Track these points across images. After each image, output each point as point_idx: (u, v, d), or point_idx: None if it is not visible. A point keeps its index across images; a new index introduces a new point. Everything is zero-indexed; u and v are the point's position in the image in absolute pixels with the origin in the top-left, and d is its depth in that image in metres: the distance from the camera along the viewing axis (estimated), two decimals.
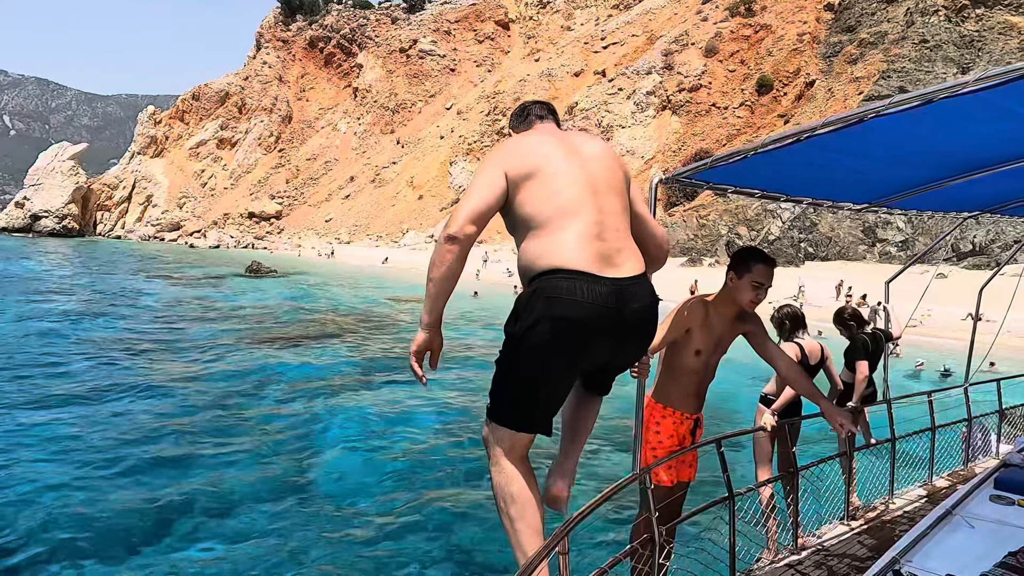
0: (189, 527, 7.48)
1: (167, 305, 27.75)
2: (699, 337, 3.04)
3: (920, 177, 3.07)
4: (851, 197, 3.59)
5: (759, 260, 2.97)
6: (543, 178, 2.15)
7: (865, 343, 4.73)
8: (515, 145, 2.27)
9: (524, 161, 2.18)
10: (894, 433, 5.23)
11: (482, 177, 2.15)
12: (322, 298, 32.64)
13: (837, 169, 2.78)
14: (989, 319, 23.07)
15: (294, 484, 8.74)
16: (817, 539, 4.29)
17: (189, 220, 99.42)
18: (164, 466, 9.25)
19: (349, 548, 7.06)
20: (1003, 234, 35.14)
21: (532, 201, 2.13)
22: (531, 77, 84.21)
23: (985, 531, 3.18)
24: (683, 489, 3.33)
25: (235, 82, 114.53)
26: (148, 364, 15.86)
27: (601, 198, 2.18)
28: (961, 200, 3.92)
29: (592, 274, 2.04)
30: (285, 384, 14.33)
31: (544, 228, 2.10)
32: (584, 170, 2.20)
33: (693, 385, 3.15)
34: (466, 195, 2.11)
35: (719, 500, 3.39)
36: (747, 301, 2.96)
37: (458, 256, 2.04)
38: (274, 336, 20.55)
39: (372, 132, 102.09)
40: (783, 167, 2.69)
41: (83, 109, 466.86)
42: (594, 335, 2.04)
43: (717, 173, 2.67)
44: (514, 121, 2.58)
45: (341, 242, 79.81)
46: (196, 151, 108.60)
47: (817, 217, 42.15)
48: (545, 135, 2.33)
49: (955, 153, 2.66)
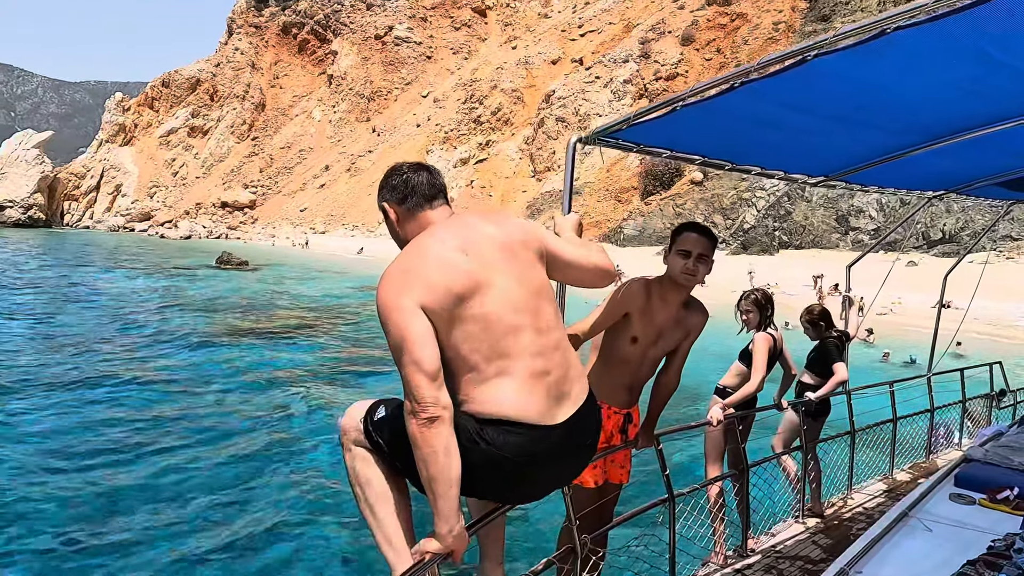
0: (140, 523, 7.18)
1: (131, 297, 27.01)
2: (637, 323, 2.70)
3: (879, 144, 2.77)
4: (805, 168, 3.25)
5: (687, 229, 2.69)
6: (465, 308, 1.74)
7: (838, 347, 4.49)
8: (417, 264, 1.77)
9: (437, 289, 1.72)
10: (853, 425, 5.02)
11: (405, 328, 1.68)
12: (293, 289, 32.06)
13: (785, 129, 2.45)
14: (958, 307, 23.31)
15: (258, 479, 8.41)
16: (769, 538, 4.06)
17: (160, 210, 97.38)
18: (117, 460, 8.93)
19: (315, 542, 6.80)
20: (972, 222, 35.54)
21: (455, 343, 1.75)
22: (508, 65, 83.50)
23: (943, 534, 2.95)
24: (614, 491, 2.99)
25: (206, 68, 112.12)
26: (107, 358, 15.32)
27: (537, 315, 1.85)
28: (926, 176, 3.66)
29: (545, 426, 1.80)
30: (249, 378, 13.92)
31: (479, 373, 1.77)
32: (510, 280, 1.82)
33: (626, 376, 2.81)
34: (405, 359, 1.66)
35: (658, 502, 3.12)
36: (678, 273, 2.64)
37: (448, 432, 1.65)
38: (240, 329, 20.04)
39: (347, 120, 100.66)
40: (724, 125, 2.37)
41: (50, 96, 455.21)
42: (537, 470, 1.85)
43: (651, 133, 2.33)
44: (389, 195, 1.96)
45: (316, 232, 78.76)
46: (167, 139, 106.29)
47: (791, 205, 42.33)
48: (447, 235, 1.84)
49: (917, 111, 2.36)
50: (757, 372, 3.89)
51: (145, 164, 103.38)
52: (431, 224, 1.91)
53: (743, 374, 4.10)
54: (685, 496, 3.34)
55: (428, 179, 1.94)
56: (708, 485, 3.77)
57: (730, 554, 3.74)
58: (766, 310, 4.14)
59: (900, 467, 5.74)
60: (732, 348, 4.42)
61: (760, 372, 3.88)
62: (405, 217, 1.94)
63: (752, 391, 3.89)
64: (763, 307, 4.15)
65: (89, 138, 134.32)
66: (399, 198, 1.94)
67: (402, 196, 1.93)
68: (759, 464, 4.05)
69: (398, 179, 1.95)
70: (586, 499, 2.74)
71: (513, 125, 76.60)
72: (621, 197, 54.27)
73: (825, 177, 3.36)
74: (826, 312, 4.73)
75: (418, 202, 1.93)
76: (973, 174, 3.72)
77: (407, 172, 1.96)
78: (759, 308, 4.15)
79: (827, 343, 4.54)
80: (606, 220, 52.61)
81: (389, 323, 1.71)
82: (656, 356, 2.84)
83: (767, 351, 3.95)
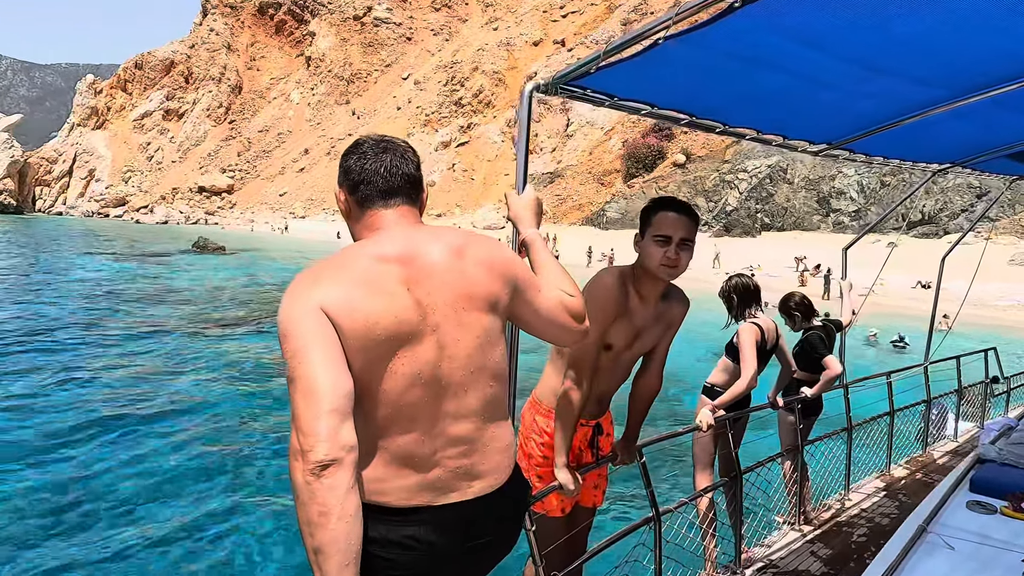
0: (104, 518, 6.83)
1: (104, 284, 26.21)
2: (614, 327, 2.21)
3: (897, 99, 2.32)
4: (808, 131, 2.78)
5: (661, 207, 2.13)
6: (382, 352, 1.33)
7: (821, 339, 4.08)
8: (336, 275, 1.35)
9: (355, 314, 1.30)
10: (850, 421, 4.67)
11: (303, 335, 1.26)
12: (269, 276, 31.38)
13: (792, 74, 1.97)
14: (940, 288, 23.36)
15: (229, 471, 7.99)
16: (764, 550, 3.70)
17: (135, 195, 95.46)
18: (83, 453, 8.48)
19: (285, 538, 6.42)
20: (951, 203, 35.63)
21: (365, 389, 1.34)
22: (489, 46, 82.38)
23: (967, 552, 2.59)
24: (587, 517, 2.55)
25: (180, 50, 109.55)
26: (77, 346, 14.72)
27: (462, 397, 1.43)
28: (937, 144, 3.24)
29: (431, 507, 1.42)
30: (221, 367, 13.43)
31: (375, 432, 1.37)
32: (442, 344, 1.39)
33: (598, 385, 2.32)
34: (297, 375, 1.24)
35: (640, 523, 2.72)
36: (656, 265, 2.11)
37: (349, 487, 1.21)
38: (215, 316, 19.47)
39: (326, 103, 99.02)
40: (718, 68, 1.94)
41: (20, 79, 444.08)
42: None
43: (627, 80, 1.88)
44: (342, 178, 1.52)
45: (296, 217, 77.62)
46: (141, 123, 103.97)
47: (773, 187, 42.24)
48: (392, 251, 1.40)
49: (947, 55, 1.93)
50: (747, 368, 3.49)
51: (119, 148, 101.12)
52: (380, 229, 1.47)
53: (731, 370, 3.71)
54: (672, 512, 2.95)
55: (390, 166, 1.48)
56: (698, 497, 3.38)
57: (722, 570, 3.38)
58: (744, 300, 3.75)
59: (896, 462, 5.43)
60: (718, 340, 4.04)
61: (750, 367, 3.48)
62: (354, 210, 1.51)
63: (743, 389, 3.49)
64: (731, 298, 3.78)
65: (61, 122, 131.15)
66: (350, 184, 1.49)
67: (353, 183, 1.49)
68: (753, 469, 3.67)
69: (354, 159, 1.50)
70: (554, 530, 2.31)
71: (495, 107, 75.71)
72: (604, 180, 53.88)
73: (828, 144, 2.92)
74: (805, 302, 4.31)
75: (368, 195, 1.48)
76: (987, 143, 3.33)
77: (367, 151, 1.49)
78: (727, 300, 3.79)
79: (810, 336, 4.14)
80: (588, 203, 52.21)
81: (287, 336, 1.27)
82: (632, 358, 2.38)
83: (754, 343, 3.55)
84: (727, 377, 3.74)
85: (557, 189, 54.88)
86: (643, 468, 2.68)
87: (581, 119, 60.06)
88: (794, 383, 4.16)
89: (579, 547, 2.49)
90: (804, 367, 4.13)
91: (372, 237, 1.46)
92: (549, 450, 2.30)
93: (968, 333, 15.19)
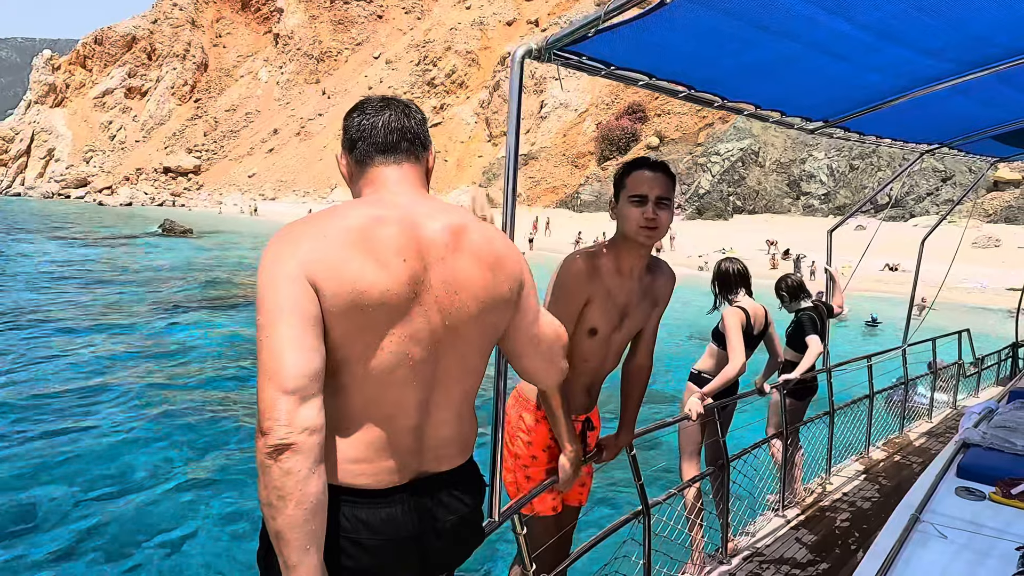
0: (64, 514, 6.58)
1: (65, 267, 25.39)
2: (595, 310, 2.05)
3: (900, 73, 2.21)
4: (807, 107, 2.64)
5: (636, 166, 1.99)
6: (366, 323, 1.21)
7: (812, 320, 4.06)
8: (323, 229, 1.22)
9: (342, 278, 1.18)
10: (833, 405, 4.64)
11: (277, 302, 1.16)
12: (238, 258, 30.73)
13: (803, 41, 1.84)
14: (905, 269, 23.82)
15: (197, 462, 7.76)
16: (749, 538, 3.64)
17: (97, 175, 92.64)
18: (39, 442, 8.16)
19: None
20: (917, 187, 36.26)
21: (344, 362, 1.24)
22: (462, 26, 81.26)
23: (961, 541, 2.54)
24: (572, 516, 2.41)
25: (142, 25, 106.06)
26: (34, 333, 14.20)
27: (448, 385, 1.35)
28: (935, 122, 3.16)
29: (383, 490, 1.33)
30: (190, 353, 13.08)
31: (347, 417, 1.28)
32: (434, 328, 1.28)
33: (586, 376, 2.18)
34: (266, 367, 1.14)
35: (629, 517, 2.62)
36: (635, 227, 1.97)
37: (308, 470, 1.12)
38: (182, 300, 18.98)
39: (296, 82, 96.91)
40: (721, 36, 1.80)
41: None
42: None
43: (626, 47, 1.72)
44: (344, 139, 1.42)
45: (266, 198, 76.18)
46: (102, 100, 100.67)
47: (745, 171, 42.53)
48: (388, 213, 1.27)
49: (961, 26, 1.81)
50: (735, 353, 3.41)
51: (79, 127, 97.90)
52: (380, 186, 1.35)
53: (718, 356, 3.63)
54: (661, 504, 2.85)
55: (389, 120, 1.38)
56: (686, 488, 3.29)
57: (708, 559, 3.30)
58: (725, 284, 3.70)
59: (874, 443, 5.45)
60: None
61: (738, 353, 3.40)
62: (354, 172, 1.41)
63: (733, 376, 3.41)
64: (714, 283, 3.75)
65: (17, 99, 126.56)
66: (349, 142, 1.40)
67: (351, 140, 1.39)
68: (739, 457, 3.60)
69: (355, 117, 1.40)
70: (545, 529, 2.18)
71: (468, 88, 74.90)
72: (578, 162, 53.74)
73: (825, 122, 2.82)
74: (800, 283, 4.33)
75: (367, 152, 1.37)
76: (981, 122, 3.26)
77: (368, 108, 1.39)
78: (712, 284, 3.75)
79: (801, 316, 4.15)
80: (563, 185, 52.08)
81: (261, 305, 1.17)
82: (622, 341, 2.23)
83: (739, 327, 3.47)
84: (714, 363, 3.66)
85: (531, 171, 54.63)
86: (633, 461, 2.57)
87: (555, 101, 59.69)
88: (785, 366, 4.13)
89: (565, 547, 2.36)
90: (797, 348, 4.12)
91: (369, 195, 1.34)
92: (536, 449, 2.17)
93: (937, 315, 15.50)
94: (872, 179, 38.07)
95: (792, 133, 42.22)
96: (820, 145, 40.46)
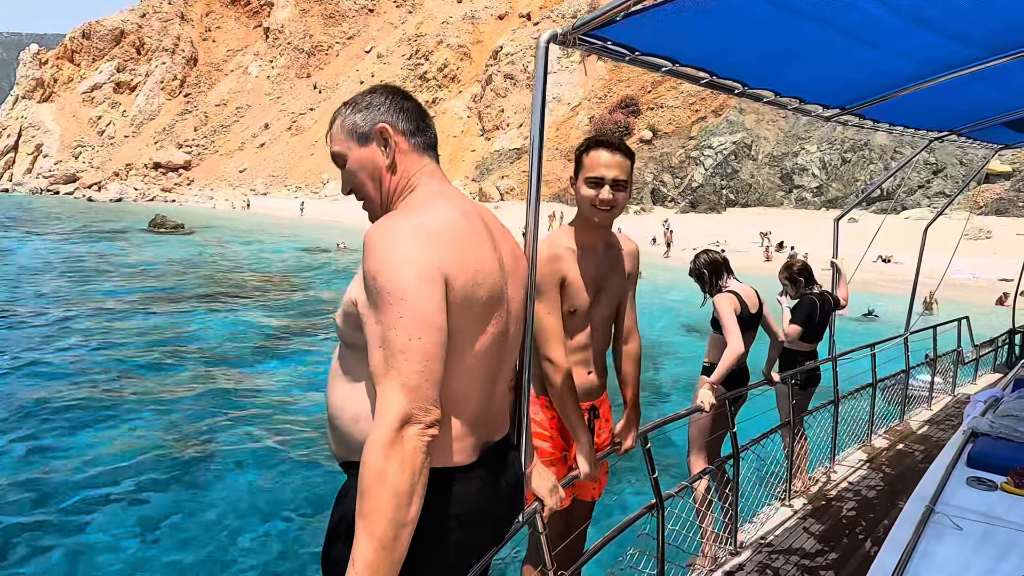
0: (66, 512, 6.54)
1: (55, 264, 25.17)
2: (570, 288, 2.06)
3: (926, 60, 2.18)
4: (826, 94, 2.62)
5: (593, 147, 2.03)
6: (479, 311, 1.30)
7: (812, 303, 4.07)
8: (447, 226, 1.26)
9: (469, 271, 1.26)
10: (838, 394, 4.66)
11: (425, 297, 1.18)
12: (230, 254, 30.56)
13: (832, 25, 1.81)
14: (898, 261, 23.95)
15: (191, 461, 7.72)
16: (757, 528, 3.64)
17: (86, 171, 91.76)
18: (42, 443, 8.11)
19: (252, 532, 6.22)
20: (908, 179, 36.42)
21: (454, 350, 1.28)
22: (454, 19, 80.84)
23: (976, 533, 2.54)
24: (586, 512, 2.37)
25: (131, 19, 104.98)
26: (24, 331, 14.08)
27: (510, 361, 1.49)
28: (951, 109, 3.16)
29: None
30: (185, 349, 13.00)
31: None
32: (510, 308, 1.41)
33: (578, 355, 2.16)
34: (419, 354, 1.17)
35: (643, 511, 2.61)
36: (588, 206, 2.01)
37: (426, 460, 1.18)
38: (175, 296, 18.85)
39: (287, 76, 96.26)
40: (751, 17, 1.76)
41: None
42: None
43: (651, 31, 1.69)
44: (394, 116, 1.36)
45: (257, 193, 75.73)
46: (90, 95, 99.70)
47: (738, 164, 42.60)
48: (472, 211, 1.37)
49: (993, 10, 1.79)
50: (730, 336, 3.43)
51: (68, 122, 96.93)
52: (434, 182, 1.37)
53: (721, 344, 3.63)
54: (674, 497, 2.85)
55: (431, 121, 1.46)
56: (697, 480, 3.28)
57: (719, 550, 3.30)
58: (715, 272, 3.71)
59: (876, 432, 5.47)
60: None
61: (734, 335, 3.42)
62: (406, 155, 1.37)
63: (734, 359, 3.41)
64: (701, 273, 3.75)
65: (3, 94, 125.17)
66: (411, 127, 1.37)
67: (415, 127, 1.38)
68: (747, 448, 3.60)
69: (411, 103, 1.39)
70: (549, 524, 2.13)
71: (460, 82, 74.59)
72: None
73: (841, 109, 2.82)
74: (807, 268, 4.40)
75: (425, 144, 1.39)
76: (994, 108, 3.26)
77: (414, 100, 1.42)
78: (698, 277, 3.75)
79: (802, 300, 4.22)
80: (556, 179, 52.00)
81: (402, 299, 1.16)
82: (606, 316, 2.23)
83: (732, 311, 3.50)
84: (718, 352, 3.66)
85: (524, 165, 54.52)
86: (648, 455, 2.56)
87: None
88: (799, 358, 4.15)
89: (578, 545, 2.34)
90: (803, 337, 4.14)
91: (435, 187, 1.36)
92: (547, 441, 2.18)
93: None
94: (864, 172, 38.21)
95: (785, 126, 42.30)
96: (812, 138, 40.57)
